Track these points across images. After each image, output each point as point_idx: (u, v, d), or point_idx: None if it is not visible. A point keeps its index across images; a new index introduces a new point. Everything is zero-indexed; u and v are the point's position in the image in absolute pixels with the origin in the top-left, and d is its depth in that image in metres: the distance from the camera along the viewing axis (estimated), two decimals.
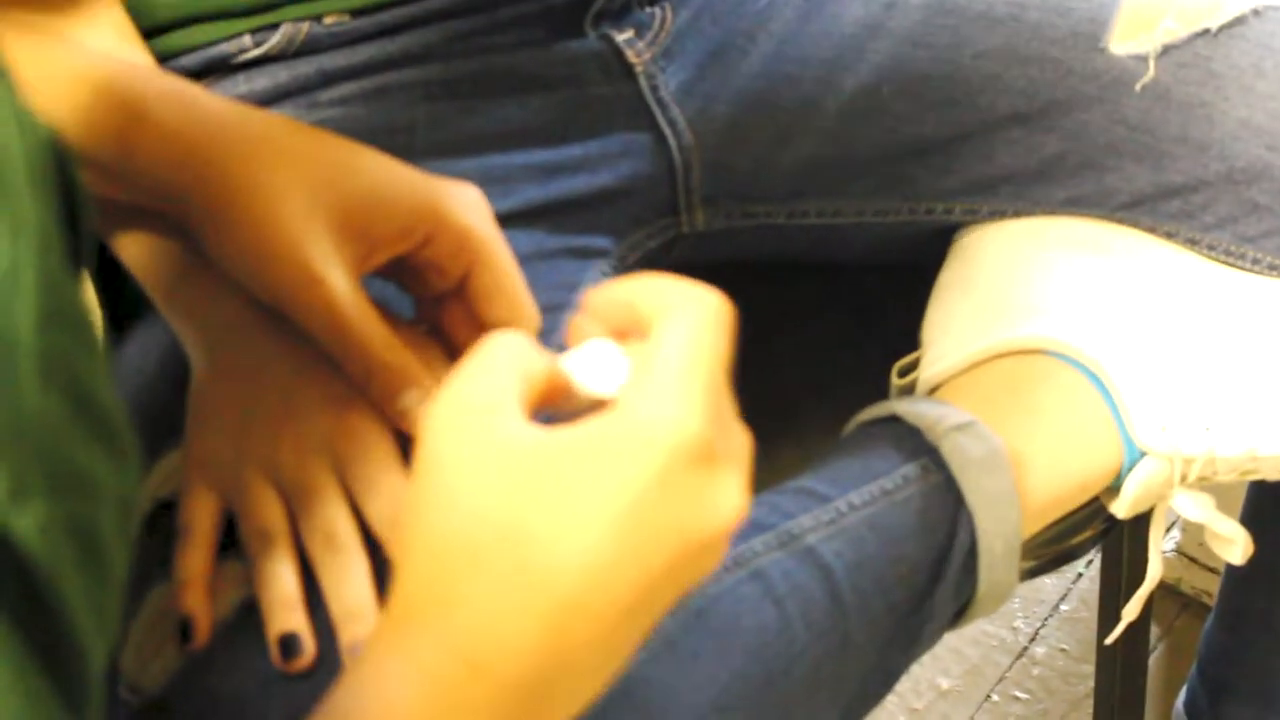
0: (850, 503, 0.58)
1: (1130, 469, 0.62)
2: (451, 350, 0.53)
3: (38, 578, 0.24)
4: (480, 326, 0.51)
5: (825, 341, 0.75)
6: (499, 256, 0.52)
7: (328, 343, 0.49)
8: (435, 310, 0.53)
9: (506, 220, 0.58)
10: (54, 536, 0.25)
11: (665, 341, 0.37)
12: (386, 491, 0.49)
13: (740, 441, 0.38)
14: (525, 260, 0.56)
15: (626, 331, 0.39)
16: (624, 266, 0.68)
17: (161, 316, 0.54)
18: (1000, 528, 0.59)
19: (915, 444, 0.59)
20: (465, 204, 0.52)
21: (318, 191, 0.50)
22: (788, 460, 0.65)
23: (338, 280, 0.48)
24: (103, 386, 0.28)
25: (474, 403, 0.36)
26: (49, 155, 0.32)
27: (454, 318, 0.52)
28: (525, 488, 0.35)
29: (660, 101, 0.67)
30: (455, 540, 0.35)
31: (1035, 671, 1.10)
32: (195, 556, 0.49)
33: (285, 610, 0.47)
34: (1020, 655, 1.11)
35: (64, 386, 0.26)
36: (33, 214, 0.27)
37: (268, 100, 0.60)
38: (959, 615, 0.60)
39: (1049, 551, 0.65)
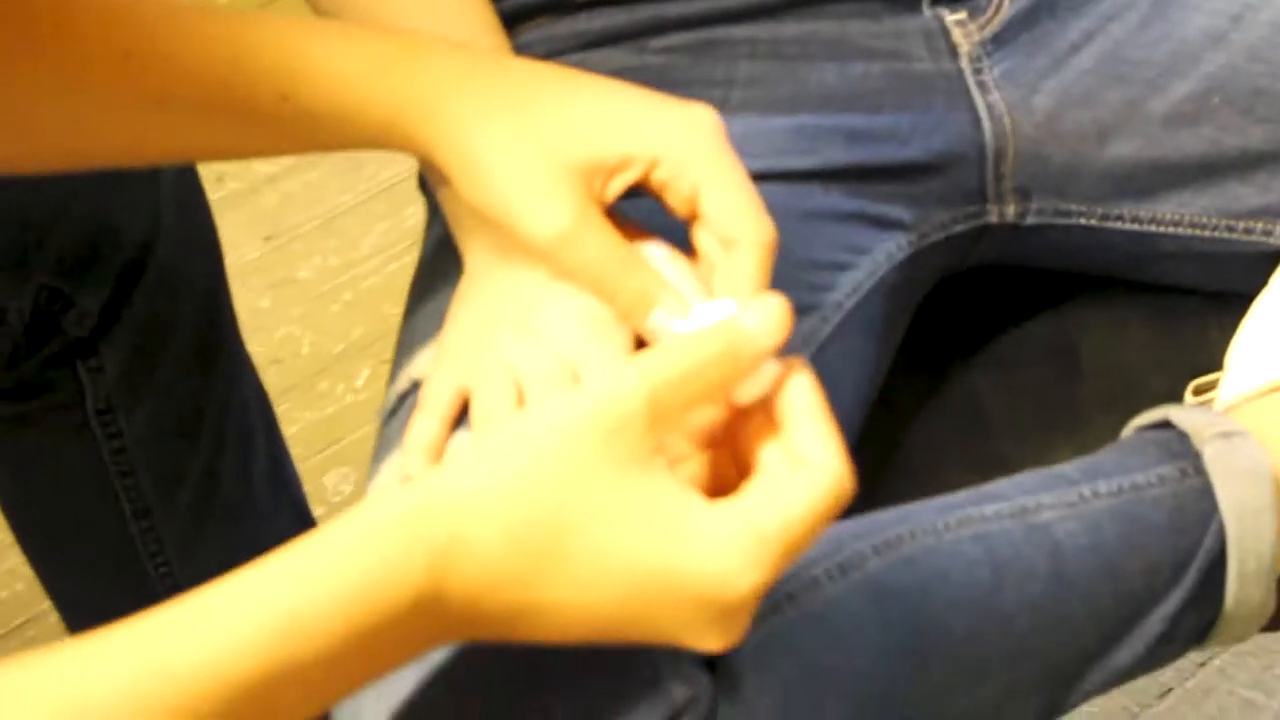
0: (1096, 490, 0.57)
1: None
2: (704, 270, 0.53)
3: None
4: (724, 246, 0.51)
5: (1127, 356, 0.73)
6: (727, 174, 0.51)
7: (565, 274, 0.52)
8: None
9: (807, 177, 0.63)
10: None
11: (784, 495, 0.39)
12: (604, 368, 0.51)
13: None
14: (818, 218, 0.61)
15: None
16: (923, 244, 0.68)
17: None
18: (1255, 543, 0.56)
19: (1180, 448, 0.58)
20: (690, 123, 0.52)
21: (547, 133, 0.51)
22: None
23: (563, 211, 0.50)
24: None
25: (623, 435, 0.39)
26: None
27: (702, 241, 0.53)
28: (581, 541, 0.38)
29: (981, 85, 0.67)
30: (511, 522, 0.38)
31: None
32: (427, 425, 0.53)
33: None
34: None
35: None
36: None
37: (598, 42, 0.64)
38: (1203, 635, 0.58)
39: None
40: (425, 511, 0.38)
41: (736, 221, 0.51)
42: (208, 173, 0.79)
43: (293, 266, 1.43)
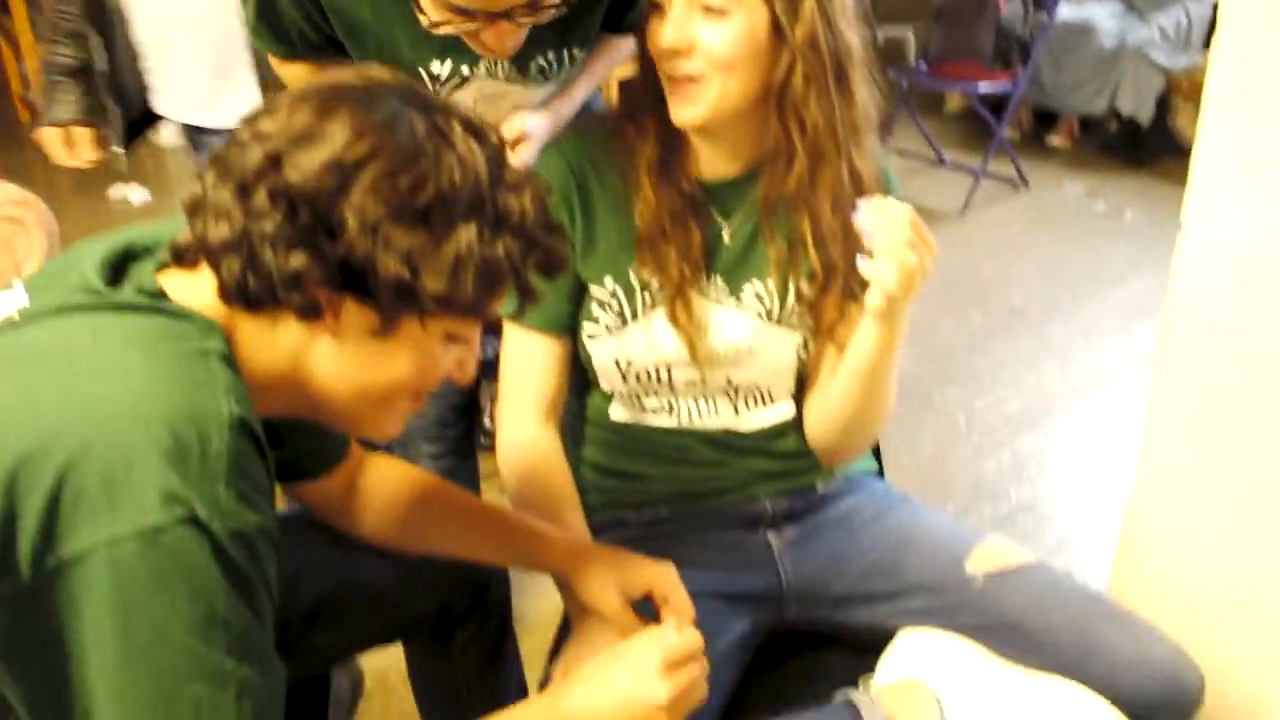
0: None
1: None
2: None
3: None
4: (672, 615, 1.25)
5: (838, 667, 1.47)
6: (679, 593, 1.27)
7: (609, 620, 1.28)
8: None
9: (709, 596, 1.39)
10: None
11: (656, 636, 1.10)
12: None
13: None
14: (714, 613, 1.37)
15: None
16: (757, 624, 1.48)
17: None
18: None
19: (853, 707, 1.30)
20: (663, 570, 1.28)
21: (611, 572, 1.28)
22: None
23: (612, 601, 1.27)
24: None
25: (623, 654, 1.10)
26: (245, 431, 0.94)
27: (666, 614, 1.27)
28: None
29: (781, 563, 1.51)
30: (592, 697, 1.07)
31: None
32: (560, 675, 1.32)
33: None
34: None
35: None
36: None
37: (619, 539, 1.50)
38: None
39: None
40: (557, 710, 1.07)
41: (683, 608, 1.27)
42: None
43: None
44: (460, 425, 2.05)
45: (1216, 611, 1.54)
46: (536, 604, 2.13)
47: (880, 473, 1.65)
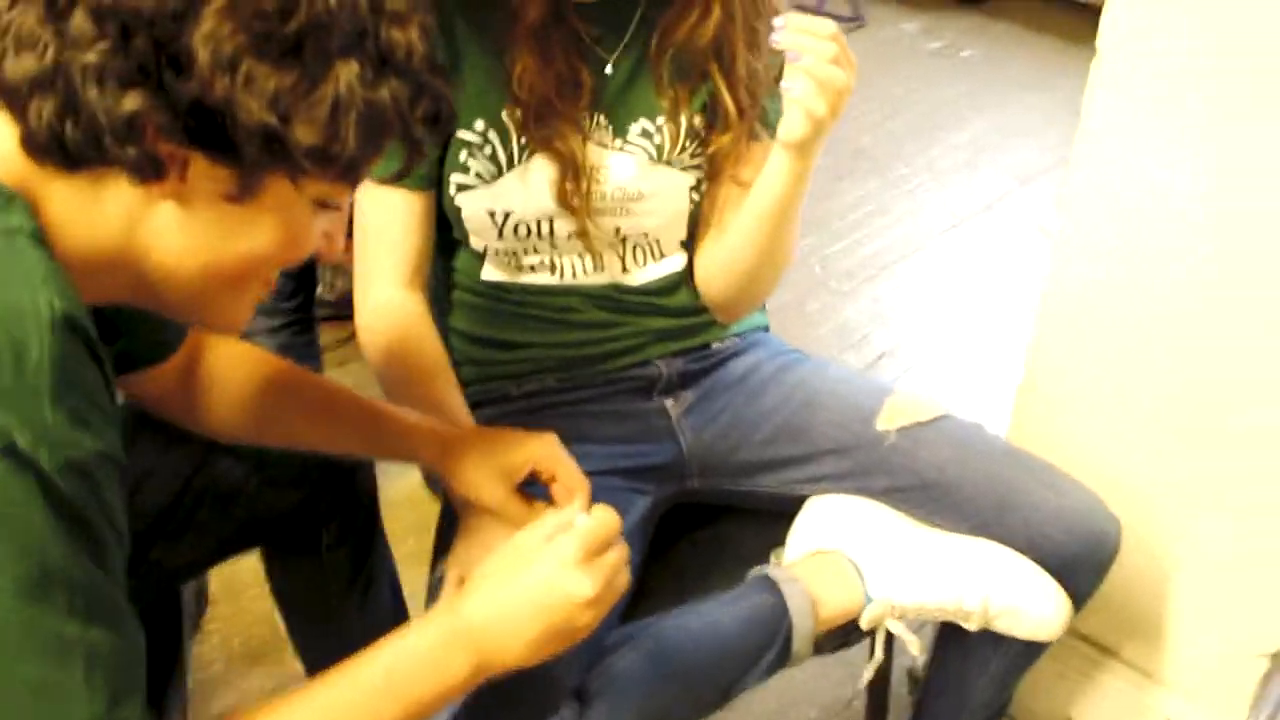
0: (739, 606, 1.21)
1: (868, 604, 1.24)
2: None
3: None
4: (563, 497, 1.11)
5: (748, 541, 1.38)
6: (565, 463, 1.13)
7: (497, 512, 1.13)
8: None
9: (606, 473, 1.24)
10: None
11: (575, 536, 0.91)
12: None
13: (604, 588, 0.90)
14: (613, 490, 1.22)
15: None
16: (658, 498, 1.35)
17: None
18: (802, 629, 1.20)
19: (771, 586, 1.22)
20: (547, 442, 1.13)
21: (487, 459, 1.12)
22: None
23: (495, 491, 1.12)
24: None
25: (530, 549, 0.91)
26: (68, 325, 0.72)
27: (558, 491, 1.13)
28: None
29: (680, 430, 1.37)
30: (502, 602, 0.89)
31: None
32: (452, 582, 1.15)
33: None
34: None
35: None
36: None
37: (499, 414, 1.36)
38: (781, 667, 1.21)
39: (832, 640, 1.25)
40: (462, 622, 0.89)
41: (574, 482, 1.12)
42: None
43: None
44: (299, 296, 1.88)
45: (1124, 454, 1.49)
46: (394, 482, 1.98)
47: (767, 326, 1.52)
